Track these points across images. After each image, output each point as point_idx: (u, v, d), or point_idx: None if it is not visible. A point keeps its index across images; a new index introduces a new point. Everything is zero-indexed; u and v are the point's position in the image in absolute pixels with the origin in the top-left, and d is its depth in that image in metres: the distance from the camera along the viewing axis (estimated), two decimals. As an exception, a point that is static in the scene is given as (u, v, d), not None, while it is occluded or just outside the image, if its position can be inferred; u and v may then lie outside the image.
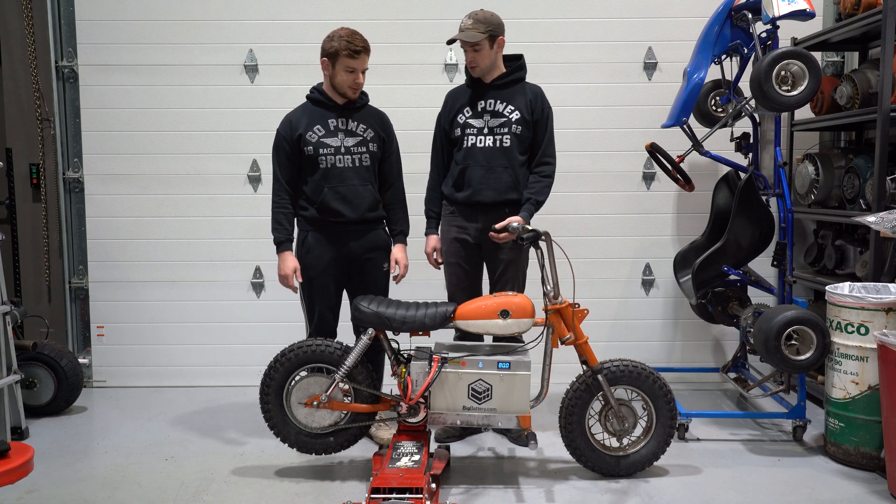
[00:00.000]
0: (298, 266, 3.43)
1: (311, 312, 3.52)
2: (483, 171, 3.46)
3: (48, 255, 4.61)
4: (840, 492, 3.12)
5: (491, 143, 3.47)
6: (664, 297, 4.66)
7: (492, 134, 3.47)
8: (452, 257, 3.58)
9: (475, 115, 3.50)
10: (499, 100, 3.49)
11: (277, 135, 3.45)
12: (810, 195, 4.23)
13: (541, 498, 3.07)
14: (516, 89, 3.52)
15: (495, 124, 3.47)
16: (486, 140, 3.47)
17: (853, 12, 4.06)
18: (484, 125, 3.48)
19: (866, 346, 3.25)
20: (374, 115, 3.52)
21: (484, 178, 3.46)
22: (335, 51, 3.32)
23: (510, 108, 3.48)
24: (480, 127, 3.48)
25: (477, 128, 3.49)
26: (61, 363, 4.03)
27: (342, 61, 3.32)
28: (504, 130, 3.47)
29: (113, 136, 4.56)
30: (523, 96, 3.51)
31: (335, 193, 3.38)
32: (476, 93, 3.53)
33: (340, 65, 3.33)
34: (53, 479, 3.25)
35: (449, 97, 3.63)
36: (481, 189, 3.46)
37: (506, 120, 3.47)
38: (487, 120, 3.48)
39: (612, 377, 3.14)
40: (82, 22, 4.50)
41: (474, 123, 3.49)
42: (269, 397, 3.22)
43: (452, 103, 3.58)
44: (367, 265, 3.49)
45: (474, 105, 3.51)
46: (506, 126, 3.47)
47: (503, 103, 3.49)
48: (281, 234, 3.44)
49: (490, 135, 3.47)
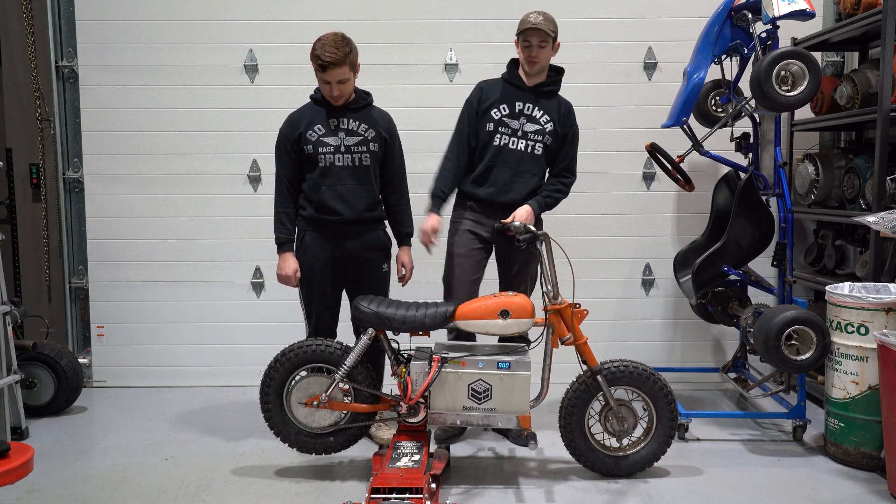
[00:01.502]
0: (298, 267, 3.43)
1: (309, 312, 3.52)
2: (511, 174, 3.47)
3: (48, 255, 4.61)
4: (840, 492, 3.12)
5: (523, 147, 3.47)
6: (664, 297, 4.66)
7: (525, 139, 3.47)
8: (462, 248, 3.54)
9: (512, 115, 3.48)
10: (537, 106, 3.49)
11: (280, 134, 3.45)
12: (810, 195, 4.23)
13: (541, 498, 3.07)
14: (553, 101, 3.54)
15: (531, 129, 3.47)
16: (518, 143, 3.47)
17: (853, 12, 4.06)
18: (519, 128, 3.47)
19: (866, 346, 3.25)
20: (377, 115, 3.51)
21: (510, 180, 3.47)
22: (311, 60, 3.32)
23: (546, 118, 3.50)
24: (515, 129, 3.47)
25: (511, 128, 3.47)
26: (61, 363, 4.03)
27: (315, 72, 3.32)
28: (538, 138, 3.48)
29: (113, 136, 4.56)
30: (557, 109, 3.53)
31: (332, 192, 3.38)
32: (515, 93, 3.51)
33: (316, 75, 3.33)
34: (53, 479, 3.25)
35: (484, 87, 3.56)
36: (506, 190, 3.47)
37: (540, 129, 3.48)
38: (523, 123, 3.47)
39: (612, 378, 3.14)
40: (82, 22, 4.50)
41: (510, 123, 3.47)
42: (269, 397, 3.22)
43: (487, 94, 3.53)
44: (365, 265, 3.48)
45: (512, 104, 3.49)
46: (540, 134, 3.48)
47: (540, 111, 3.49)
48: (282, 234, 3.44)
49: (523, 139, 3.47)
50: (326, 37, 3.30)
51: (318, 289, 3.46)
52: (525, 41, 3.42)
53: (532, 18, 3.41)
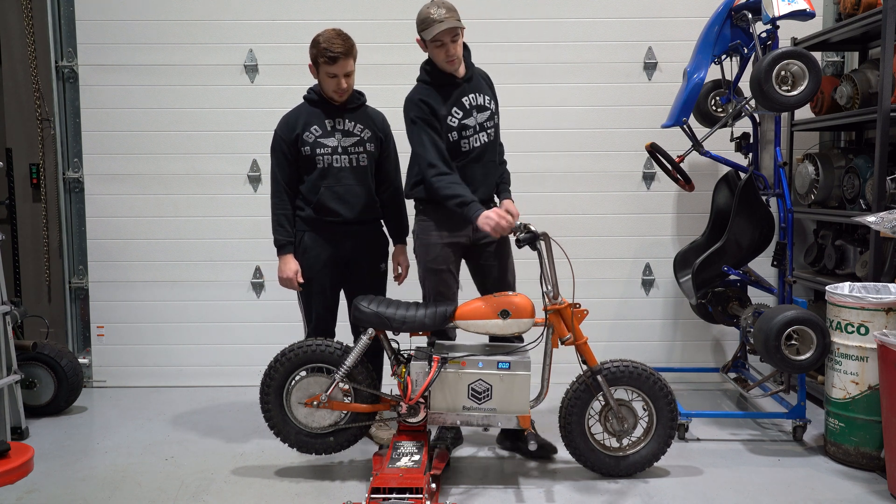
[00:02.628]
0: (299, 268, 3.42)
1: (308, 313, 3.52)
2: (481, 170, 3.35)
3: (48, 255, 4.61)
4: (840, 492, 3.12)
5: (485, 139, 3.35)
6: (664, 297, 4.66)
7: (483, 130, 3.34)
8: (442, 264, 3.33)
9: (466, 114, 3.29)
10: (478, 92, 3.34)
11: (275, 136, 3.44)
12: (810, 195, 4.22)
13: (541, 498, 3.07)
14: (480, 77, 3.40)
15: (483, 119, 3.34)
16: (480, 138, 3.33)
17: (853, 12, 4.06)
18: (475, 123, 3.32)
19: (866, 346, 3.25)
20: (372, 115, 3.51)
21: (483, 176, 3.36)
22: (314, 57, 3.31)
23: (487, 98, 3.36)
24: (474, 126, 3.32)
25: (472, 127, 3.32)
26: (61, 363, 4.03)
27: (322, 67, 3.30)
28: (490, 124, 3.36)
29: (113, 136, 4.56)
30: (483, 80, 3.40)
31: (332, 193, 3.38)
32: (456, 92, 3.27)
33: (322, 70, 3.31)
34: (53, 479, 3.25)
35: (424, 99, 3.23)
36: (480, 187, 3.34)
37: (490, 112, 3.36)
38: (476, 116, 3.32)
39: (612, 378, 3.14)
40: (82, 22, 4.50)
41: (468, 123, 3.31)
42: (269, 397, 3.22)
43: (434, 105, 3.23)
44: (363, 265, 3.49)
45: (460, 104, 3.28)
46: (491, 119, 3.36)
47: (481, 95, 3.35)
48: (282, 236, 3.43)
49: (482, 131, 3.34)
50: (327, 32, 3.30)
51: (317, 289, 3.46)
52: (437, 41, 3.15)
53: (436, 14, 3.12)
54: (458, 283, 3.45)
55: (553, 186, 4.56)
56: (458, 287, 3.45)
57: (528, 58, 4.50)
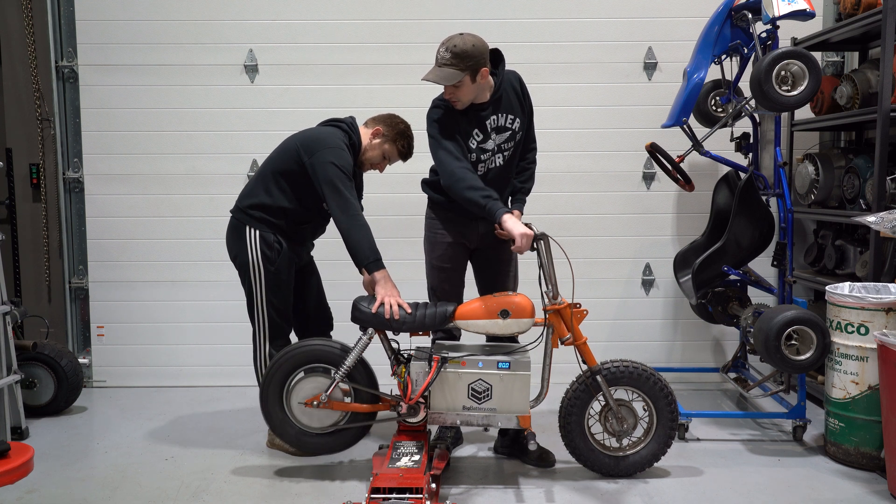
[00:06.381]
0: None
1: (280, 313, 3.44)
2: (494, 186, 3.27)
3: (48, 255, 4.61)
4: (840, 492, 3.12)
5: (501, 161, 3.32)
6: (664, 297, 4.66)
7: (500, 152, 3.32)
8: (448, 262, 3.38)
9: (486, 137, 3.26)
10: (500, 113, 3.28)
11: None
12: (810, 195, 4.22)
13: (541, 498, 3.07)
14: (506, 91, 3.30)
15: (502, 140, 3.30)
16: (496, 159, 3.31)
17: (853, 12, 4.06)
18: (494, 145, 3.30)
19: (866, 346, 3.25)
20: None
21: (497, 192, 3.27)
22: (392, 140, 3.42)
23: (510, 118, 3.31)
24: (492, 149, 3.30)
25: (489, 150, 3.29)
26: (61, 363, 4.03)
27: (391, 151, 3.44)
28: (510, 144, 3.32)
29: (113, 136, 4.56)
30: (513, 92, 3.32)
31: (312, 235, 3.59)
32: (478, 115, 3.23)
33: (387, 151, 3.43)
34: (53, 479, 3.25)
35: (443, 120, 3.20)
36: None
37: (511, 132, 3.31)
38: (495, 139, 3.29)
39: (612, 378, 3.14)
40: (82, 22, 4.50)
41: (487, 147, 3.29)
42: (269, 397, 3.22)
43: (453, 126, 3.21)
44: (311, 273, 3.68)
45: (483, 127, 3.24)
46: (511, 138, 3.31)
47: (504, 115, 3.29)
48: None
49: (499, 153, 3.32)
50: (409, 127, 3.48)
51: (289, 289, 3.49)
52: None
53: (438, 58, 3.07)
54: (463, 283, 3.46)
55: (553, 186, 4.56)
56: (463, 286, 3.46)
57: (528, 57, 4.49)
